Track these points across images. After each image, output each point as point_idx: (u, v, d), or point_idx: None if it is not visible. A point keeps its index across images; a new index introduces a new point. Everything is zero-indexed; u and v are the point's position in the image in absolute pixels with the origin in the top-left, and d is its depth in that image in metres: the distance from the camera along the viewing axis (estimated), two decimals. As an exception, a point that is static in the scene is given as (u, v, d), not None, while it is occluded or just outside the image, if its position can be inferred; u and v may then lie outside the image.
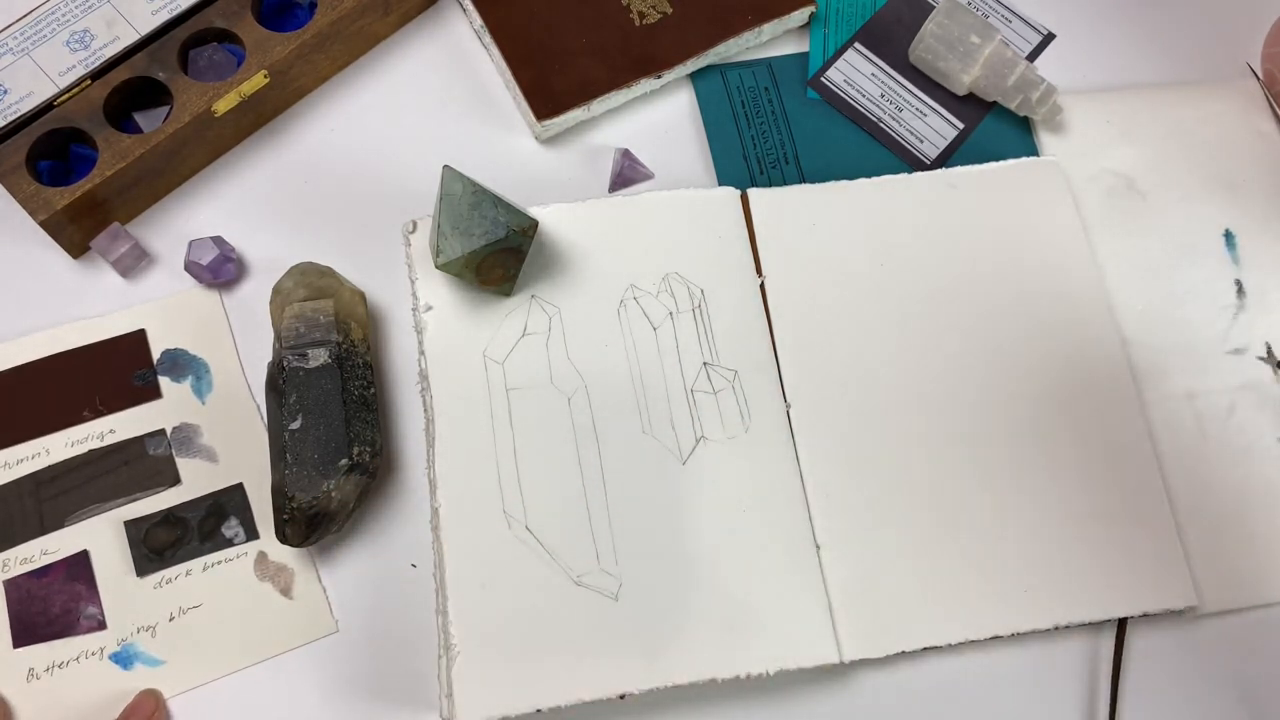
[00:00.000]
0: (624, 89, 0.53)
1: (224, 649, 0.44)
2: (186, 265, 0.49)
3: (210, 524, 0.46)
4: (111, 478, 0.46)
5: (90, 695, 0.43)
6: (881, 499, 0.46)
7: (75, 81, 0.50)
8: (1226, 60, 0.58)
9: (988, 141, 0.54)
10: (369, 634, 0.45)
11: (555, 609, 0.43)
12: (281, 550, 0.45)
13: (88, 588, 0.45)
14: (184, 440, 0.47)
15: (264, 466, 0.46)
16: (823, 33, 0.57)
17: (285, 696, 0.44)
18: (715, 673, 0.42)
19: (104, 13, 0.51)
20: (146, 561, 0.45)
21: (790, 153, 0.54)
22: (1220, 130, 0.55)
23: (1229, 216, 0.53)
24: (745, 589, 0.43)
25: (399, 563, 0.46)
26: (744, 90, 0.55)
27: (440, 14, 0.57)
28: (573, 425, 0.46)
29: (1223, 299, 0.52)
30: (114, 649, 0.44)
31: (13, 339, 0.49)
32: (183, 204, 0.52)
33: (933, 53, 0.54)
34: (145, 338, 0.49)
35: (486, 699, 0.41)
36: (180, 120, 0.50)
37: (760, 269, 0.49)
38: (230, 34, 0.52)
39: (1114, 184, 0.53)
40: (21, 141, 0.49)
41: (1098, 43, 0.58)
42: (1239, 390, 0.50)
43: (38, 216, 0.48)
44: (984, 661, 0.45)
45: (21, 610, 0.44)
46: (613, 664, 0.42)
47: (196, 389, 0.48)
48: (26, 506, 0.46)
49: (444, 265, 0.45)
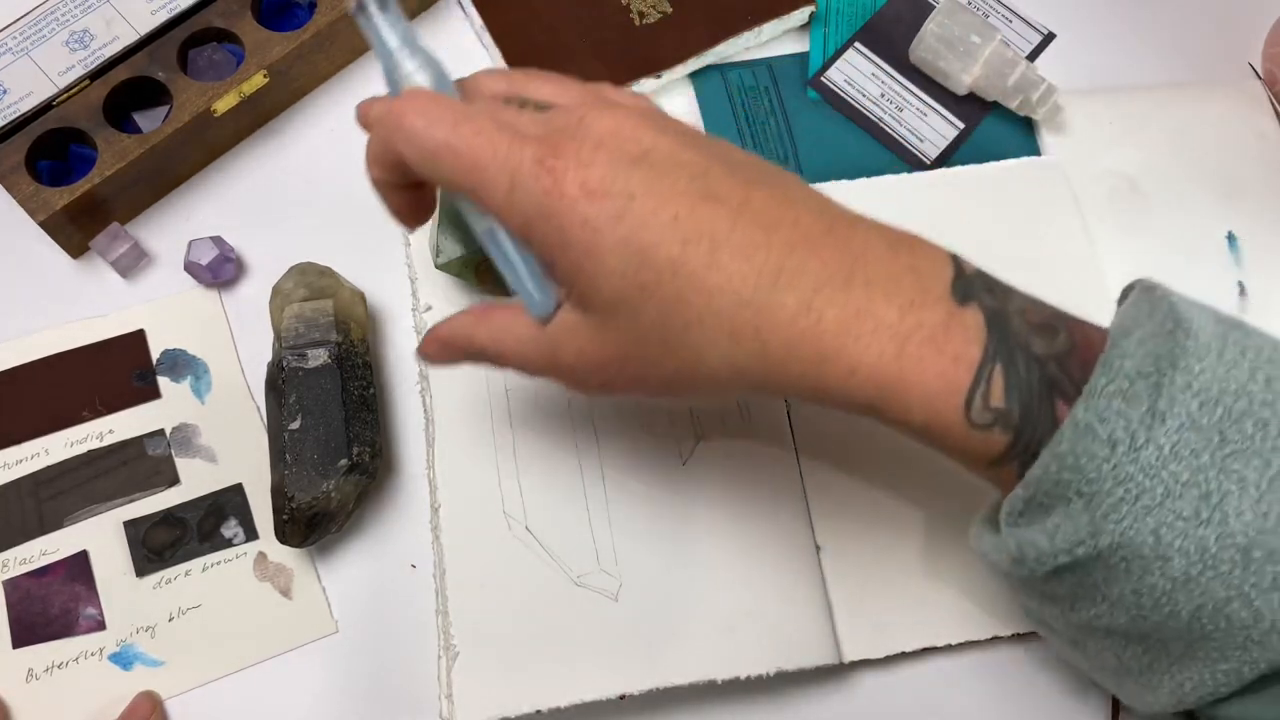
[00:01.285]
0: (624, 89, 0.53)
1: (223, 649, 0.44)
2: (186, 265, 0.49)
3: (209, 524, 0.46)
4: (111, 478, 0.46)
5: (90, 696, 0.43)
6: (881, 499, 0.46)
7: (75, 81, 0.50)
8: (1228, 60, 0.58)
9: (988, 141, 0.54)
10: (369, 634, 0.45)
11: (555, 609, 0.43)
12: (281, 551, 0.45)
13: (87, 588, 0.45)
14: (183, 440, 0.47)
15: (263, 467, 0.45)
16: (823, 32, 0.57)
17: (284, 697, 0.44)
18: (715, 673, 0.42)
19: (103, 12, 0.51)
20: (146, 562, 0.45)
21: (790, 152, 0.54)
22: (1222, 131, 0.55)
23: (1231, 218, 0.53)
24: (745, 589, 0.43)
25: (399, 563, 0.46)
26: (744, 90, 0.55)
27: (440, 14, 0.57)
28: (572, 425, 0.46)
29: (1225, 301, 0.51)
30: (113, 649, 0.44)
31: (11, 339, 0.49)
32: (182, 204, 0.52)
33: (933, 52, 0.54)
34: (144, 338, 0.49)
35: (486, 699, 0.41)
36: (180, 120, 0.50)
37: (760, 269, 0.49)
38: (230, 34, 0.52)
39: (1116, 184, 0.53)
40: (21, 141, 0.49)
41: (1098, 43, 0.58)
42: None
43: (37, 217, 0.48)
44: (984, 661, 0.45)
45: (21, 611, 0.44)
46: (613, 664, 0.42)
47: (196, 389, 0.48)
48: (26, 507, 0.46)
49: (444, 265, 0.45)
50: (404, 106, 0.33)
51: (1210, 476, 0.29)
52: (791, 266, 0.31)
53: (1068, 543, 0.31)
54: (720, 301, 0.31)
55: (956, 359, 0.31)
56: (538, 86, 0.36)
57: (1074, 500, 0.30)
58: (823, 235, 0.32)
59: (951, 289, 0.32)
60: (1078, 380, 0.31)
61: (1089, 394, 0.30)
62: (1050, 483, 0.31)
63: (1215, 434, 0.29)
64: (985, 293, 0.32)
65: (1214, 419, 0.29)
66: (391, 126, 0.33)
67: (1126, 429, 0.29)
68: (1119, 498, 0.29)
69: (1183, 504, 0.29)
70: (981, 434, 0.32)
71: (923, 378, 0.31)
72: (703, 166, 0.32)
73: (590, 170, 0.31)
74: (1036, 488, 0.31)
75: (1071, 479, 0.30)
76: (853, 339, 0.31)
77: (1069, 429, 0.30)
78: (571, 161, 0.31)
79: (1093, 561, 0.31)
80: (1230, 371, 0.30)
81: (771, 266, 0.31)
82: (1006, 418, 0.31)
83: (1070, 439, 0.30)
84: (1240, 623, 0.29)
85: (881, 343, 0.31)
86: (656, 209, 0.31)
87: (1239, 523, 0.29)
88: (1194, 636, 0.30)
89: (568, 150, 0.31)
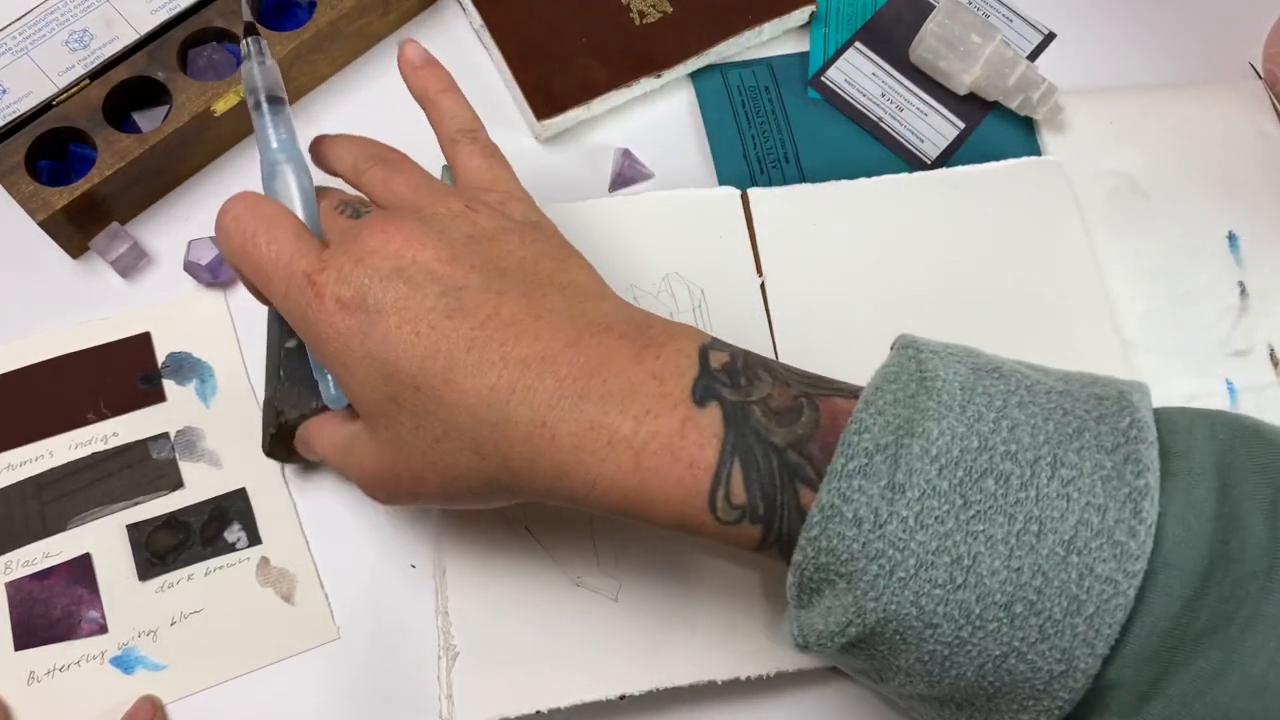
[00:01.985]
0: (624, 89, 0.53)
1: (226, 654, 0.44)
2: (186, 265, 0.49)
3: (213, 528, 0.46)
4: (114, 481, 0.46)
5: (91, 699, 0.43)
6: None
7: (74, 81, 0.50)
8: (1228, 60, 0.58)
9: (989, 141, 0.54)
10: (369, 635, 0.45)
11: (555, 610, 0.43)
12: (284, 556, 0.45)
13: (89, 591, 0.45)
14: (187, 444, 0.47)
15: (267, 471, 0.46)
16: (823, 32, 0.57)
17: (284, 699, 0.44)
18: (715, 674, 0.42)
19: (103, 12, 0.51)
20: (149, 565, 0.45)
21: (790, 152, 0.54)
22: (1223, 130, 0.55)
23: (1232, 218, 0.53)
24: (745, 590, 0.43)
25: (399, 563, 0.46)
26: (744, 90, 0.55)
27: (440, 14, 0.57)
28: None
29: (1225, 301, 0.51)
30: (115, 653, 0.44)
31: (13, 339, 0.49)
32: (182, 204, 0.52)
33: (933, 52, 0.54)
34: (150, 341, 0.49)
35: (486, 700, 0.41)
36: (179, 120, 0.50)
37: (760, 269, 0.49)
38: (230, 34, 0.51)
39: (1117, 184, 0.53)
40: (20, 141, 0.48)
41: (1098, 42, 0.58)
42: (1241, 393, 0.50)
43: (36, 216, 0.47)
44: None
45: (23, 613, 0.44)
46: (613, 665, 0.42)
47: (200, 392, 0.48)
48: (29, 509, 0.46)
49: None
50: (227, 207, 0.37)
51: (958, 541, 0.29)
52: (525, 384, 0.32)
53: (839, 624, 0.31)
54: (460, 418, 0.32)
55: (693, 464, 0.32)
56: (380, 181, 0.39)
57: (837, 581, 0.30)
58: (564, 349, 0.33)
59: (691, 391, 0.32)
60: (819, 463, 0.31)
61: (831, 475, 0.30)
62: (811, 567, 0.31)
63: (957, 497, 0.29)
64: (727, 388, 0.33)
65: (954, 481, 0.29)
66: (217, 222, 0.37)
67: (869, 505, 0.29)
68: (874, 574, 0.29)
69: (936, 572, 0.29)
70: (733, 528, 0.32)
71: (663, 486, 0.32)
72: (458, 280, 0.33)
73: (344, 286, 0.33)
74: (800, 573, 0.31)
75: (828, 561, 0.30)
76: (588, 454, 0.32)
77: (816, 513, 0.30)
78: (332, 276, 0.34)
79: (871, 637, 0.31)
80: (973, 426, 0.30)
81: (505, 383, 0.32)
82: (753, 512, 0.32)
83: (819, 522, 0.30)
84: (1021, 676, 0.29)
85: (618, 455, 0.32)
86: (399, 325, 0.33)
87: (994, 581, 0.29)
88: (989, 693, 0.30)
89: (332, 264, 0.34)
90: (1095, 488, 0.29)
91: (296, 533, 0.46)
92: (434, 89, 0.42)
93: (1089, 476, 0.29)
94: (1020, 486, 0.29)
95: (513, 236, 0.36)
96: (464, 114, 0.41)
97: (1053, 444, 0.30)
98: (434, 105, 0.41)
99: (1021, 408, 0.31)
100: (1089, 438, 0.30)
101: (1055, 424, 0.30)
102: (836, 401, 0.33)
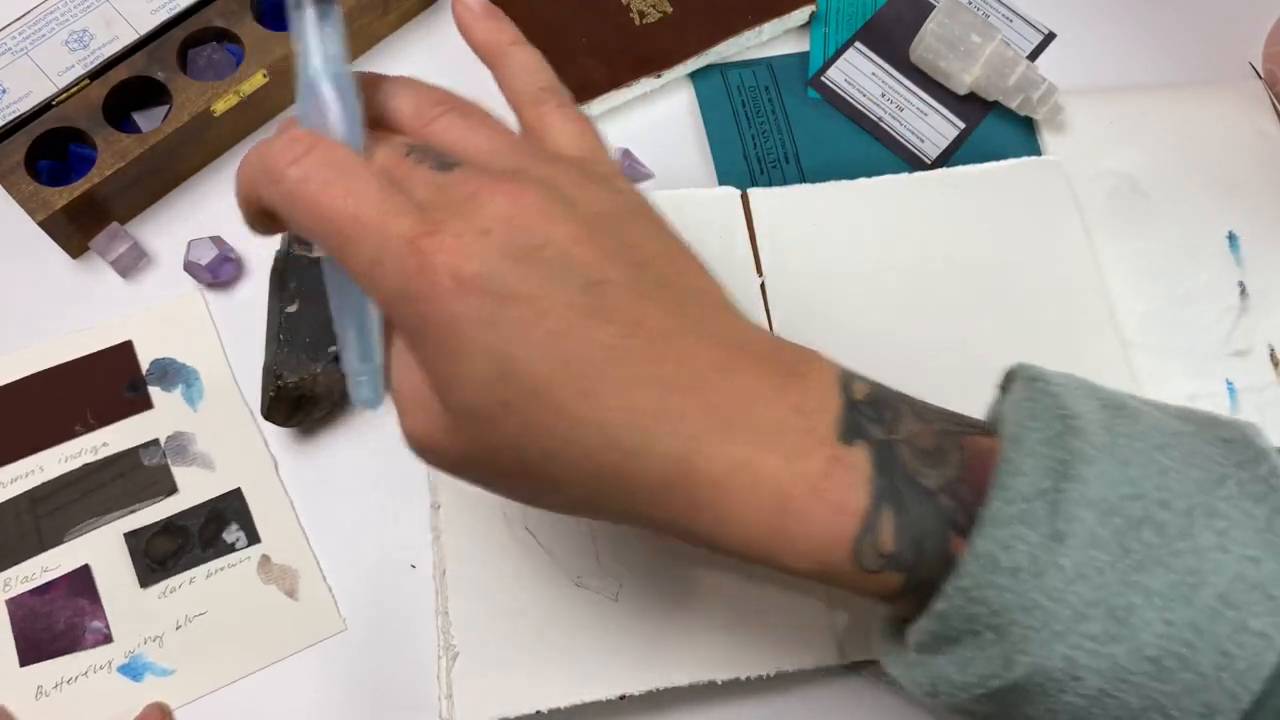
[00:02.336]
0: (624, 89, 0.53)
1: (233, 654, 0.44)
2: (186, 265, 0.49)
3: (211, 530, 0.46)
4: (108, 490, 0.46)
5: (102, 709, 0.43)
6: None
7: (74, 81, 0.50)
8: (1228, 60, 0.58)
9: (989, 141, 0.54)
10: (369, 635, 0.45)
11: (555, 610, 0.43)
12: (284, 552, 0.45)
13: (91, 602, 0.45)
14: (178, 449, 0.47)
15: (261, 470, 0.45)
16: (823, 32, 0.57)
17: (284, 700, 0.44)
18: (715, 674, 0.42)
19: (103, 12, 0.51)
20: (149, 572, 0.45)
21: (790, 152, 0.54)
22: (1223, 130, 0.55)
23: (1232, 218, 0.53)
24: (745, 589, 0.43)
25: (399, 563, 0.46)
26: (744, 90, 0.55)
27: (440, 14, 0.57)
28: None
29: (1225, 301, 0.51)
30: (122, 661, 0.44)
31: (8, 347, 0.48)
32: (182, 204, 0.52)
33: (934, 52, 0.54)
34: (132, 349, 0.49)
35: (486, 699, 0.41)
36: (179, 120, 0.50)
37: (760, 269, 0.49)
38: (230, 33, 0.52)
39: (1117, 184, 0.53)
40: (20, 141, 0.49)
41: (1098, 43, 0.58)
42: (1241, 393, 0.50)
43: (36, 216, 0.48)
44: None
45: (26, 628, 0.44)
46: (613, 665, 0.42)
47: (187, 396, 0.48)
48: (24, 524, 0.45)
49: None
50: (280, 150, 0.29)
51: (1116, 592, 0.28)
52: (672, 409, 0.28)
53: (979, 675, 0.29)
54: (588, 437, 0.28)
55: (840, 509, 0.29)
56: (459, 134, 0.32)
57: (984, 633, 0.29)
58: (712, 373, 0.29)
59: (837, 428, 0.30)
60: (970, 506, 0.29)
61: (987, 521, 0.28)
62: (958, 617, 0.29)
63: (1116, 546, 0.28)
64: (873, 423, 0.30)
65: (1113, 530, 0.28)
66: (257, 166, 0.29)
67: (1029, 554, 0.28)
68: (1027, 626, 0.28)
69: (1091, 625, 0.28)
70: (874, 577, 0.30)
71: (804, 530, 0.29)
72: (600, 272, 0.28)
73: (467, 261, 0.27)
74: (943, 622, 0.29)
75: (978, 612, 0.28)
76: (727, 492, 0.29)
77: (971, 562, 0.28)
78: (449, 243, 0.27)
79: (1008, 690, 0.29)
80: (1125, 472, 0.28)
81: (649, 406, 0.28)
82: (899, 560, 0.30)
83: (974, 573, 0.28)
84: None
85: (759, 496, 0.29)
86: (535, 319, 0.27)
87: (1148, 634, 0.28)
88: None
89: (448, 230, 0.28)
90: (1250, 539, 0.28)
91: (295, 529, 0.46)
92: (505, 40, 0.35)
93: (1242, 528, 0.28)
94: (1178, 536, 0.28)
95: (638, 221, 0.31)
96: (544, 71, 0.35)
97: (1203, 492, 0.28)
98: (505, 60, 0.35)
99: (1163, 451, 0.29)
100: (1233, 485, 0.29)
101: (1200, 470, 0.29)
102: (979, 440, 0.30)
